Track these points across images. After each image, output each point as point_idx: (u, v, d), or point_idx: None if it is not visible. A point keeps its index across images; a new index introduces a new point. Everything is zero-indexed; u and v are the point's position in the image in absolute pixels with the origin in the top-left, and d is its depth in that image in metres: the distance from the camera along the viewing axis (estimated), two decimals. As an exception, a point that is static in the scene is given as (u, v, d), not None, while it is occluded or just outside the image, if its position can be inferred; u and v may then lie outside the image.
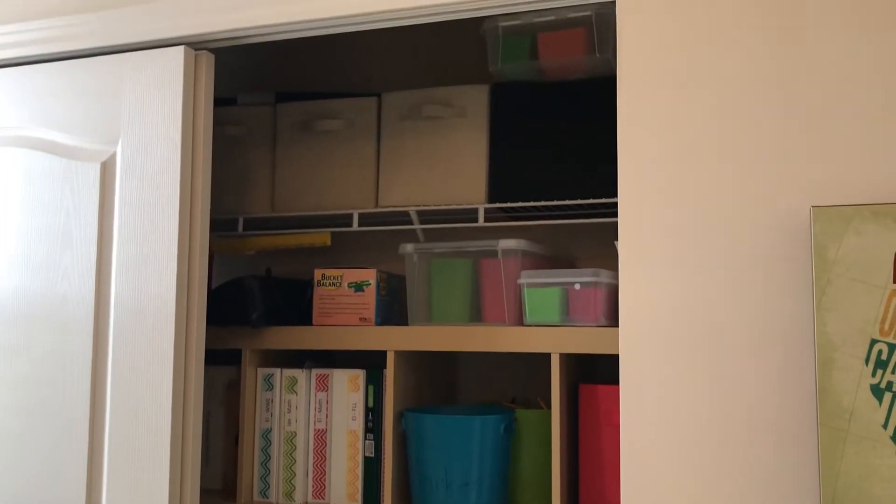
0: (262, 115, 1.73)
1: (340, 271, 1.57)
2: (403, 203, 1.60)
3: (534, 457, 1.51)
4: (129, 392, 1.30)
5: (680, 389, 1.04)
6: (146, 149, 1.34)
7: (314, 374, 1.57)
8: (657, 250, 1.07)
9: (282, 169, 1.70)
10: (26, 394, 1.38)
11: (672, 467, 1.03)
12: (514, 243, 1.46)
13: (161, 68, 1.35)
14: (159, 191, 1.32)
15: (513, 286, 1.46)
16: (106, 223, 1.36)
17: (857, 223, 0.95)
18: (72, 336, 1.35)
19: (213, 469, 1.69)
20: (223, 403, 1.70)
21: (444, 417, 1.43)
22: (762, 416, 1.00)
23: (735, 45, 1.06)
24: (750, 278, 1.02)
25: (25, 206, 1.42)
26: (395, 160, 1.61)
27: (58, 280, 1.38)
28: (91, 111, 1.39)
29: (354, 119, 1.65)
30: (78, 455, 1.32)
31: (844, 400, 0.93)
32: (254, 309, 1.55)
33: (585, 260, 1.69)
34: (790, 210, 1.02)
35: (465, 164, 1.56)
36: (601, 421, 1.39)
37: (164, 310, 1.29)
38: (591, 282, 1.39)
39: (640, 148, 1.09)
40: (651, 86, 1.10)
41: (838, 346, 0.94)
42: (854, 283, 0.94)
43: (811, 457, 0.98)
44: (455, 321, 1.50)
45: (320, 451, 1.55)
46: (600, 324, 1.39)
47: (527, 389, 1.71)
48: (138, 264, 1.32)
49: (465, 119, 1.57)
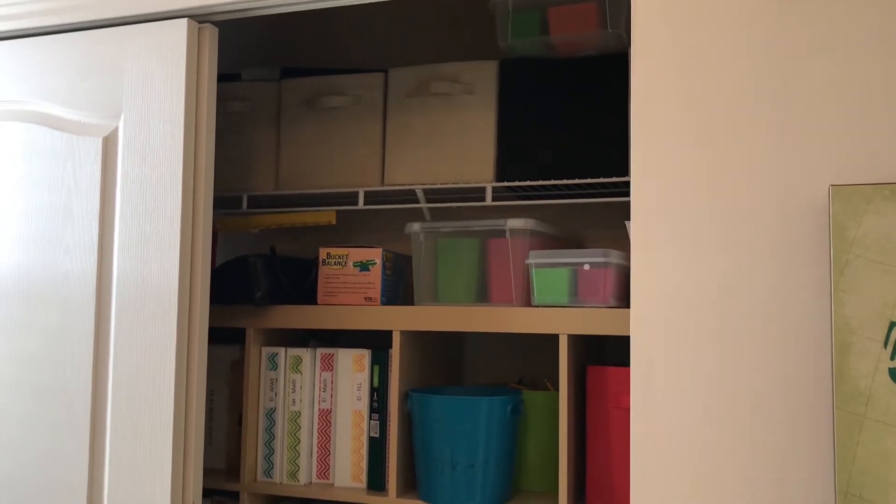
0: (266, 90, 1.70)
1: (346, 250, 1.55)
2: (410, 181, 1.58)
3: (540, 438, 1.49)
4: (131, 371, 1.29)
5: (692, 372, 1.02)
6: (148, 124, 1.32)
7: (319, 354, 1.56)
8: (670, 231, 1.04)
9: (287, 146, 1.67)
10: (27, 372, 1.36)
11: (683, 450, 1.01)
12: (522, 223, 1.44)
13: (164, 41, 1.32)
14: (162, 167, 1.30)
15: (521, 266, 1.44)
16: (108, 200, 1.34)
17: (878, 202, 0.92)
18: (73, 314, 1.34)
19: (216, 449, 1.68)
20: (227, 383, 1.69)
21: (450, 398, 1.41)
22: (776, 400, 0.98)
23: (751, 19, 1.03)
24: (765, 259, 1.00)
25: (26, 182, 1.40)
26: (401, 138, 1.59)
27: (59, 257, 1.36)
28: (92, 85, 1.37)
29: (361, 95, 1.62)
30: (80, 434, 1.31)
31: (861, 384, 0.91)
32: (258, 287, 1.54)
33: (595, 240, 1.67)
34: (808, 189, 0.99)
35: (472, 142, 1.54)
36: (609, 403, 1.37)
37: (166, 288, 1.27)
38: (601, 262, 1.37)
39: (653, 126, 1.07)
40: (666, 62, 1.07)
41: (856, 329, 0.92)
42: (873, 264, 0.92)
43: (826, 442, 0.96)
44: (462, 301, 1.48)
45: (325, 432, 1.54)
46: (609, 305, 1.37)
47: (534, 370, 1.69)
48: (141, 241, 1.30)
49: (474, 96, 1.54)
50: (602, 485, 1.37)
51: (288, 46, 1.96)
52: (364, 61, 1.88)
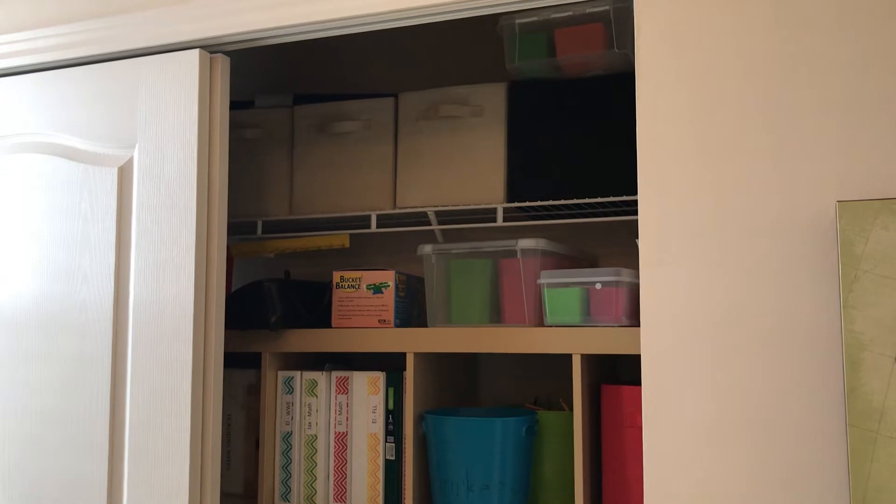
0: (279, 117, 1.72)
1: (359, 273, 1.56)
2: (421, 204, 1.59)
3: (556, 459, 1.49)
4: (148, 396, 1.30)
5: (703, 390, 1.02)
6: (163, 153, 1.34)
7: (334, 377, 1.56)
8: (679, 248, 1.05)
9: (300, 171, 1.69)
10: (47, 399, 1.38)
11: (696, 469, 1.01)
12: (533, 243, 1.44)
13: (177, 72, 1.34)
14: (176, 195, 1.32)
15: (533, 286, 1.44)
16: (124, 228, 1.36)
17: (885, 217, 0.92)
18: (91, 341, 1.36)
19: (234, 472, 1.68)
20: (244, 407, 1.70)
21: (465, 419, 1.41)
22: (789, 418, 0.98)
23: (756, 36, 1.04)
24: (774, 276, 1.00)
25: (45, 212, 1.43)
26: (412, 160, 1.60)
27: (77, 285, 1.38)
28: (108, 116, 1.39)
29: (371, 120, 1.64)
30: (98, 460, 1.33)
31: (874, 400, 0.90)
32: (273, 312, 1.55)
33: (606, 259, 1.67)
34: (815, 205, 0.99)
35: (482, 164, 1.55)
36: (624, 422, 1.37)
37: (182, 314, 1.29)
38: (613, 281, 1.37)
39: (659, 144, 1.07)
40: (671, 80, 1.07)
41: (867, 345, 0.91)
42: (882, 279, 0.91)
43: (840, 459, 0.95)
44: (475, 322, 1.48)
45: (341, 455, 1.54)
46: (622, 324, 1.36)
47: (549, 390, 1.69)
48: (156, 268, 1.32)
49: (483, 118, 1.55)
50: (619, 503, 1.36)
51: (300, 73, 1.99)
52: (374, 86, 1.90)
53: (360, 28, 1.30)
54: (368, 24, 1.29)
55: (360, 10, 1.25)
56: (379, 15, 1.25)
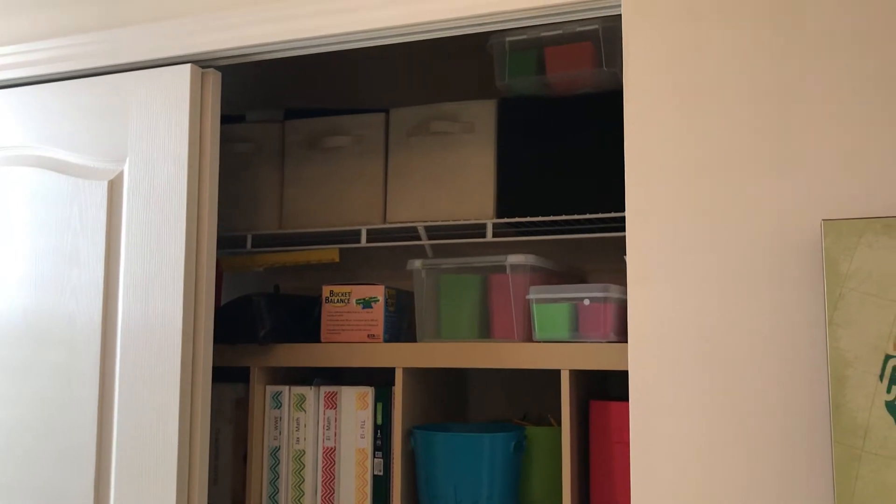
0: (270, 132, 1.73)
1: (349, 287, 1.57)
2: (411, 219, 1.59)
3: (545, 474, 1.49)
4: (136, 410, 1.30)
5: (690, 407, 1.02)
6: (153, 167, 1.34)
7: (322, 392, 1.56)
8: (666, 265, 1.05)
9: (290, 185, 1.69)
10: (34, 412, 1.38)
11: (683, 485, 1.01)
12: (522, 258, 1.45)
13: (167, 86, 1.35)
14: (166, 209, 1.32)
15: (522, 302, 1.45)
16: (113, 242, 1.36)
17: (869, 236, 0.93)
18: (79, 355, 1.35)
19: (221, 487, 1.68)
20: (231, 421, 1.69)
21: (454, 435, 1.41)
22: (774, 434, 0.98)
23: (743, 56, 1.05)
24: (760, 293, 1.01)
25: (34, 226, 1.43)
26: (402, 176, 1.61)
27: (66, 299, 1.38)
28: (98, 130, 1.40)
29: (362, 135, 1.65)
30: (85, 475, 1.32)
31: (859, 417, 0.91)
32: (262, 326, 1.55)
33: (595, 275, 1.68)
34: (801, 223, 1.00)
35: (472, 180, 1.56)
36: (612, 438, 1.37)
37: (171, 328, 1.29)
38: (601, 297, 1.38)
39: (647, 161, 1.08)
40: (658, 99, 1.09)
41: (851, 363, 0.92)
42: (867, 297, 0.92)
43: (825, 475, 0.96)
44: (464, 337, 1.49)
45: (329, 470, 1.54)
46: (610, 339, 1.37)
47: (537, 406, 1.69)
48: (145, 283, 1.32)
49: (473, 134, 1.56)
50: (606, 521, 1.36)
51: (291, 88, 1.99)
52: (365, 102, 1.91)
53: (352, 45, 1.31)
54: (359, 40, 1.30)
55: (352, 27, 1.26)
56: (370, 32, 1.26)
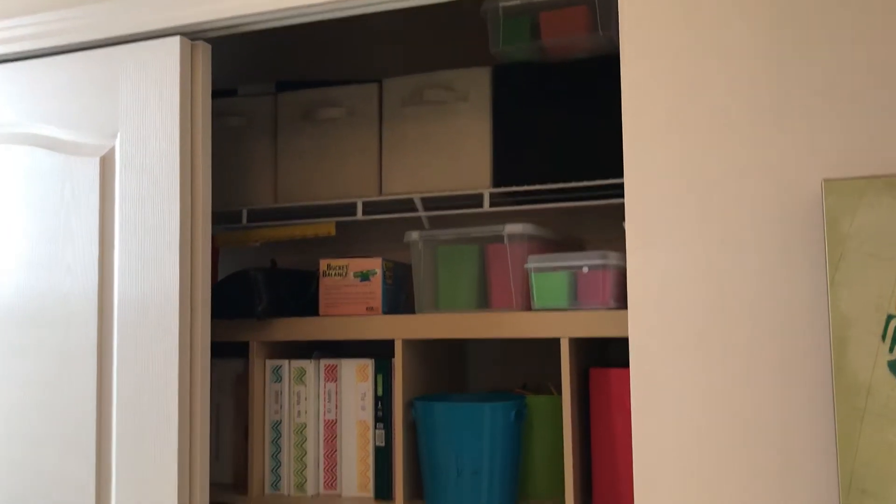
0: (262, 104, 1.71)
1: (346, 261, 1.56)
2: (407, 190, 1.58)
3: (546, 443, 1.49)
4: (135, 388, 1.29)
5: (691, 370, 1.02)
6: (145, 142, 1.33)
7: (322, 365, 1.56)
8: (665, 230, 1.05)
9: (284, 159, 1.68)
10: (32, 393, 1.37)
11: (685, 448, 1.01)
12: (520, 228, 1.44)
13: (157, 60, 1.33)
14: (159, 184, 1.31)
15: (520, 271, 1.44)
16: (107, 218, 1.35)
17: (871, 196, 0.92)
18: (76, 333, 1.34)
19: (223, 462, 1.68)
20: (232, 396, 1.69)
21: (454, 405, 1.41)
22: (777, 396, 0.98)
23: (741, 15, 1.03)
24: (761, 255, 1.00)
25: (26, 204, 1.41)
26: (397, 147, 1.59)
27: (61, 277, 1.37)
28: (88, 105, 1.38)
29: (355, 106, 1.63)
30: (85, 453, 1.32)
31: (861, 377, 0.91)
32: (259, 301, 1.54)
33: (593, 243, 1.67)
34: (801, 184, 0.99)
35: (468, 149, 1.54)
36: (613, 405, 1.37)
37: (167, 304, 1.28)
38: (600, 264, 1.37)
39: (645, 126, 1.07)
40: (655, 61, 1.07)
41: (853, 323, 0.92)
42: (868, 257, 0.92)
43: (828, 437, 0.96)
44: (462, 308, 1.48)
45: (331, 442, 1.54)
46: (610, 307, 1.37)
47: (538, 375, 1.69)
48: (141, 259, 1.31)
49: (468, 103, 1.55)
50: (609, 487, 1.36)
51: (282, 60, 1.97)
52: (358, 72, 1.88)
53: (342, 13, 1.29)
54: (350, 8, 1.27)
55: (343, -5, 1.24)
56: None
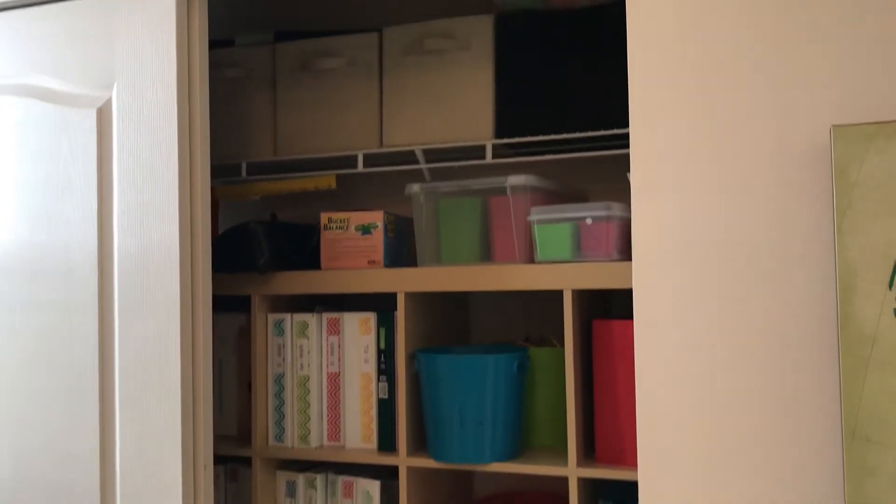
0: (260, 55, 1.68)
1: (347, 214, 1.55)
2: (409, 142, 1.56)
3: (548, 395, 1.50)
4: (137, 340, 1.29)
5: (696, 321, 1.01)
6: (142, 93, 1.30)
7: (325, 319, 1.56)
8: (671, 179, 1.03)
9: (283, 111, 1.66)
10: (35, 346, 1.37)
11: (688, 401, 1.01)
12: (523, 179, 1.42)
13: (153, 8, 1.30)
14: (157, 135, 1.29)
15: (523, 223, 1.43)
16: (105, 170, 1.33)
17: (880, 142, 0.90)
18: (77, 286, 1.34)
19: (227, 416, 1.69)
20: (235, 351, 1.69)
21: (457, 357, 1.41)
22: (781, 346, 0.98)
23: (750, -42, 1.01)
24: (768, 204, 0.99)
25: (24, 157, 1.40)
26: (398, 98, 1.57)
27: (60, 230, 1.36)
28: (84, 56, 1.35)
29: (355, 56, 1.60)
30: (89, 405, 1.32)
31: (867, 326, 0.90)
32: (261, 254, 1.53)
33: (597, 195, 1.65)
34: (809, 130, 0.97)
35: (470, 100, 1.52)
36: (615, 357, 1.37)
37: (168, 256, 1.27)
38: (603, 216, 1.36)
39: (651, 73, 1.05)
40: (661, 8, 1.04)
41: (860, 271, 0.90)
42: (876, 204, 0.90)
43: (832, 385, 0.95)
44: (465, 261, 1.47)
45: (334, 395, 1.54)
46: (613, 258, 1.36)
47: (540, 328, 1.69)
48: (140, 211, 1.30)
49: (470, 52, 1.52)
50: (611, 438, 1.37)
51: (280, 9, 1.93)
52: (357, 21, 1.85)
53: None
54: (350, -47, 1.24)
55: (341, -61, 1.20)
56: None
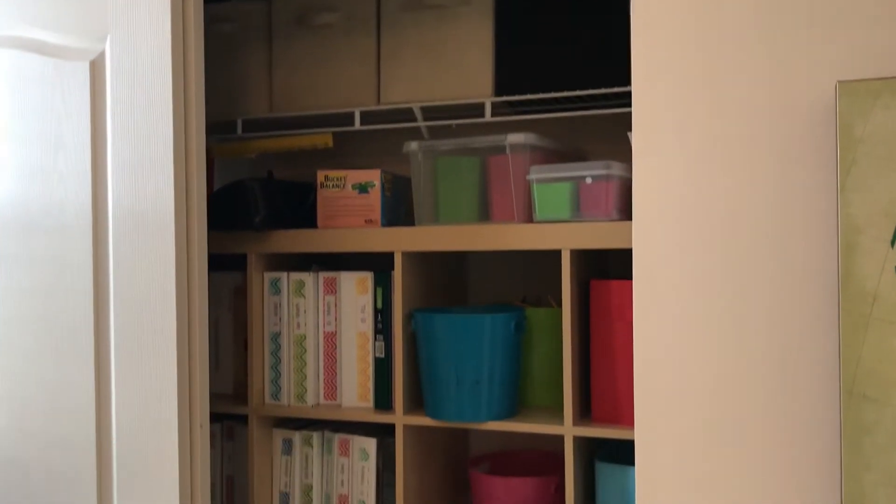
0: (255, 9, 1.65)
1: (344, 172, 1.53)
2: (406, 99, 1.54)
3: (545, 354, 1.50)
4: (132, 297, 1.28)
5: (696, 280, 1.01)
6: (136, 45, 1.28)
7: (322, 278, 1.55)
8: (672, 137, 1.02)
9: (279, 67, 1.63)
10: (30, 303, 1.36)
11: (687, 361, 1.01)
12: (522, 138, 1.41)
13: (145, -42, 1.27)
14: (151, 90, 1.27)
15: (522, 182, 1.42)
16: (99, 125, 1.32)
17: (886, 98, 0.89)
18: (71, 243, 1.33)
19: (223, 373, 1.69)
20: (231, 310, 1.69)
21: (454, 316, 1.41)
22: (781, 304, 0.97)
23: None
24: (771, 161, 0.98)
25: (17, 111, 1.37)
26: (396, 54, 1.54)
27: (54, 186, 1.34)
28: (77, 7, 1.32)
29: (352, 11, 1.57)
30: (85, 363, 1.32)
31: (868, 284, 0.89)
32: (256, 212, 1.52)
33: (597, 154, 1.64)
34: (814, 86, 0.96)
35: (470, 56, 1.49)
36: (613, 317, 1.37)
37: (163, 212, 1.26)
38: (603, 175, 1.34)
39: (654, 30, 1.03)
40: (666, -42, 1.02)
41: (862, 229, 0.90)
42: (881, 161, 0.89)
43: (832, 342, 0.95)
44: (463, 220, 1.46)
45: (330, 354, 1.54)
46: (612, 218, 1.35)
47: (538, 288, 1.68)
48: (134, 166, 1.28)
49: (470, 7, 1.49)
50: (608, 398, 1.37)
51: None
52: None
53: None
54: None
55: None
56: None
